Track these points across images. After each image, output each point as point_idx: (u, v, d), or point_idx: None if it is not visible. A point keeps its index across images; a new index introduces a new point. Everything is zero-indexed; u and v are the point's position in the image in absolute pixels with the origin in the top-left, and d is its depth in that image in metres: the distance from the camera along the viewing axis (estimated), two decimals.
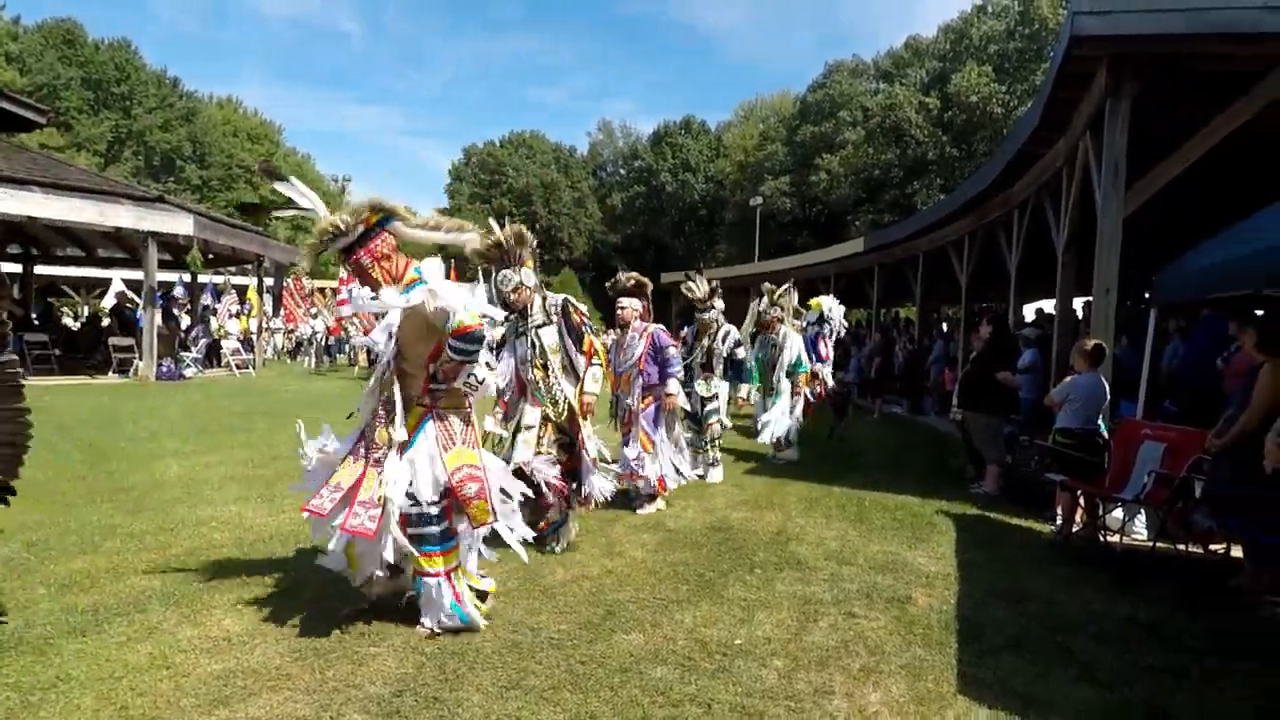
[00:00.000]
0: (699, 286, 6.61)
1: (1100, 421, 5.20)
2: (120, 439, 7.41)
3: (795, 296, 8.59)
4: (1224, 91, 5.30)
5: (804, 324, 8.84)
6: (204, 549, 4.10)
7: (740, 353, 6.55)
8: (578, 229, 51.19)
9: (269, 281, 20.42)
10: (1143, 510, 4.73)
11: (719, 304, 6.67)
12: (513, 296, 4.12)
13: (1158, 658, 3.07)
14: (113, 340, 14.66)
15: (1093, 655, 3.09)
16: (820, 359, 9.08)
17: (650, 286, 5.52)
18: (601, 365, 4.36)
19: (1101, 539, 4.71)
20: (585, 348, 4.30)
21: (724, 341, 6.56)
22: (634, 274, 5.49)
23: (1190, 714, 2.64)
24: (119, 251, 17.98)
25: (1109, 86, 5.36)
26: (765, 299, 7.64)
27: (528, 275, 4.14)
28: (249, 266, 19.58)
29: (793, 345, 7.49)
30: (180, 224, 13.96)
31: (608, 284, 5.57)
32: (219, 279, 20.42)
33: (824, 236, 32.09)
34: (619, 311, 5.39)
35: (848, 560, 4.27)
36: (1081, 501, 4.91)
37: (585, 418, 4.31)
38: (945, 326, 16.44)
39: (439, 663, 2.83)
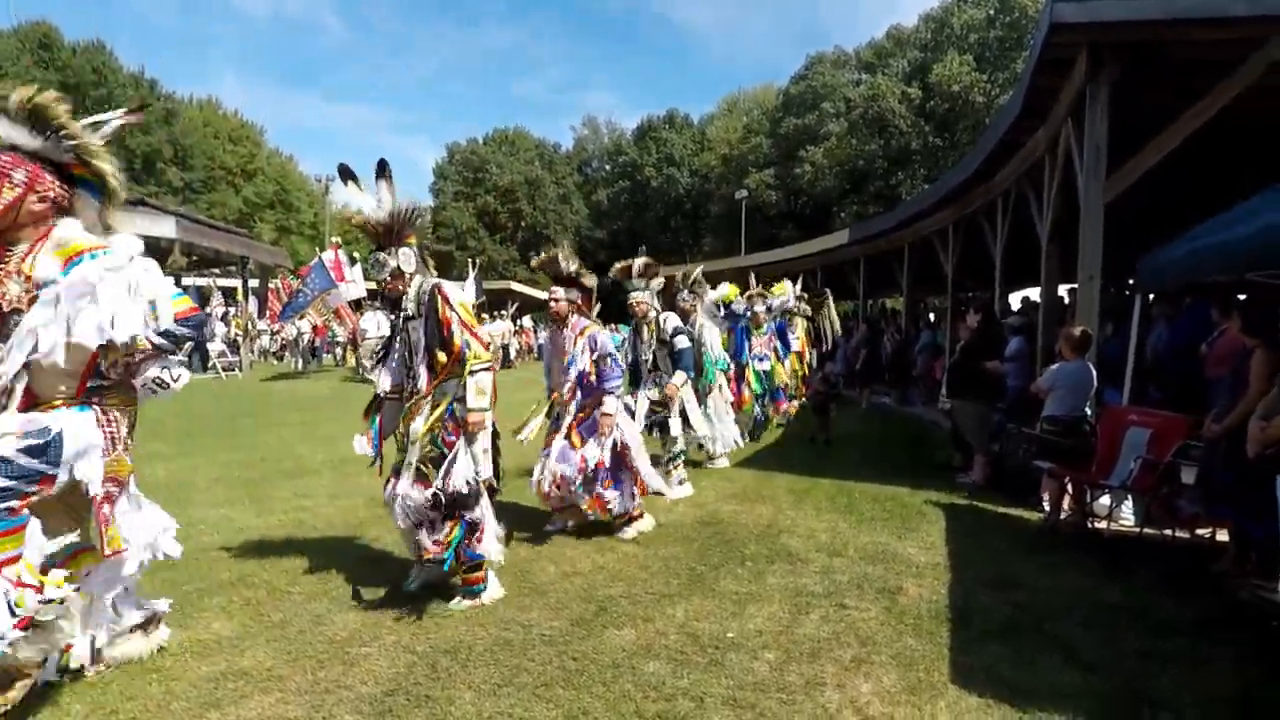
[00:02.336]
0: (635, 268, 5.48)
1: (1087, 408, 5.25)
2: None
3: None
4: (1204, 76, 5.34)
5: (770, 310, 8.48)
6: (192, 552, 4.04)
7: (681, 342, 5.65)
8: (563, 225, 50.95)
9: (254, 283, 20.26)
10: (1129, 496, 4.78)
11: (654, 285, 5.65)
12: (386, 285, 3.44)
13: (1143, 642, 3.11)
14: None
15: (1079, 641, 3.12)
16: (788, 349, 8.56)
17: (588, 278, 4.58)
18: (488, 370, 3.36)
19: (1089, 526, 4.76)
20: (454, 349, 3.35)
21: (664, 330, 5.69)
22: (559, 253, 4.52)
23: (1175, 697, 2.67)
24: None
25: (1088, 73, 5.39)
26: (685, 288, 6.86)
27: (406, 257, 3.42)
28: (233, 268, 19.41)
29: (710, 340, 6.73)
30: (162, 227, 13.85)
31: (534, 263, 4.70)
32: (203, 282, 20.23)
33: (809, 229, 32.13)
34: (551, 305, 4.54)
35: (838, 552, 4.29)
36: (1069, 489, 4.96)
37: (469, 437, 3.35)
38: (932, 317, 16.52)
39: (430, 661, 2.82)
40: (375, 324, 15.52)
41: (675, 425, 5.83)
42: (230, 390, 13.81)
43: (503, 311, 24.63)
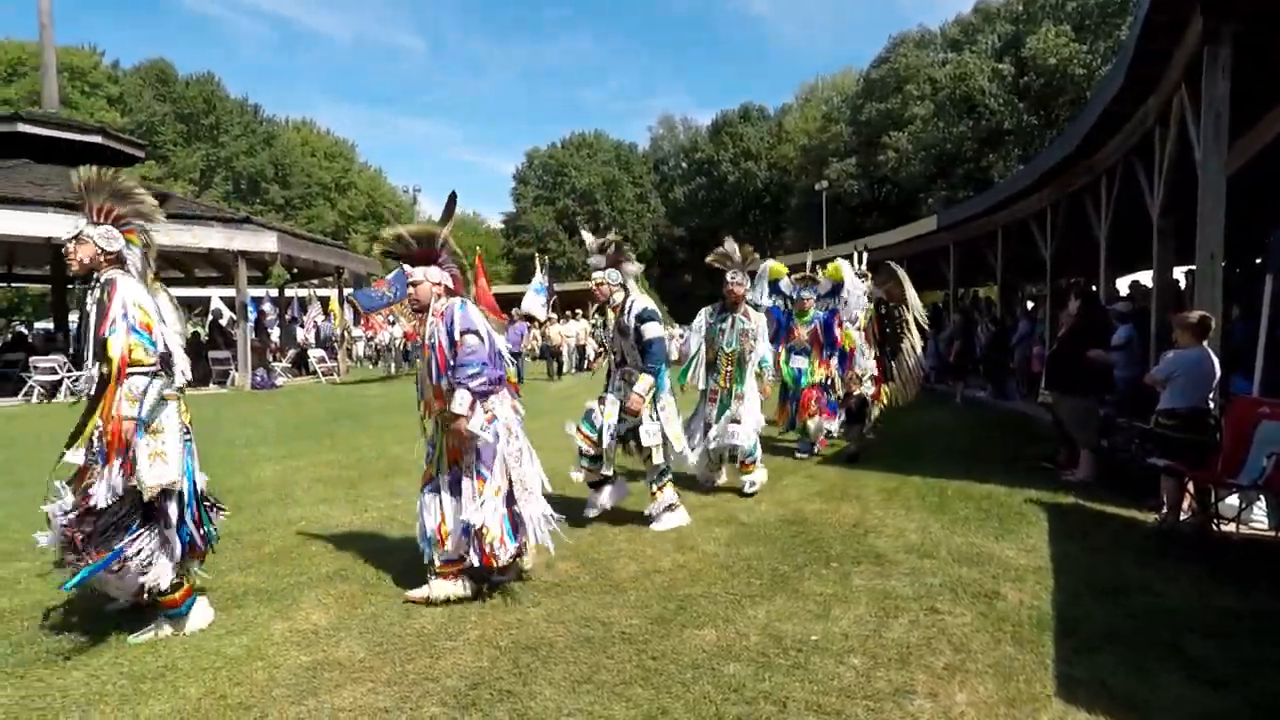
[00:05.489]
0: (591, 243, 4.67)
1: (1210, 400, 4.81)
2: (219, 445, 7.87)
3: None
4: None
5: (814, 295, 7.33)
6: (294, 547, 4.31)
7: (650, 331, 4.50)
8: (641, 224, 51.32)
9: (349, 292, 21.35)
10: (1262, 497, 4.35)
11: (620, 265, 4.67)
12: (73, 266, 3.09)
13: (1277, 654, 2.82)
14: (212, 354, 15.67)
15: (1202, 652, 2.85)
16: (833, 346, 7.14)
17: (442, 241, 3.47)
18: (146, 377, 3.00)
19: (1214, 528, 4.36)
20: (109, 350, 2.92)
21: (627, 315, 4.58)
22: (414, 227, 3.51)
23: None
24: (213, 271, 19.18)
25: (1206, 32, 4.94)
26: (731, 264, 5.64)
27: (99, 235, 3.05)
28: (330, 278, 20.54)
29: (765, 336, 5.85)
30: (265, 242, 14.82)
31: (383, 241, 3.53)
32: (303, 292, 21.49)
33: (895, 217, 30.94)
34: (409, 289, 3.50)
35: (929, 553, 4.10)
36: (1190, 488, 4.56)
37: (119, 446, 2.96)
38: (1030, 305, 15.61)
39: (512, 657, 2.87)
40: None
41: (651, 434, 4.59)
42: (329, 394, 14.60)
43: (579, 311, 24.91)
